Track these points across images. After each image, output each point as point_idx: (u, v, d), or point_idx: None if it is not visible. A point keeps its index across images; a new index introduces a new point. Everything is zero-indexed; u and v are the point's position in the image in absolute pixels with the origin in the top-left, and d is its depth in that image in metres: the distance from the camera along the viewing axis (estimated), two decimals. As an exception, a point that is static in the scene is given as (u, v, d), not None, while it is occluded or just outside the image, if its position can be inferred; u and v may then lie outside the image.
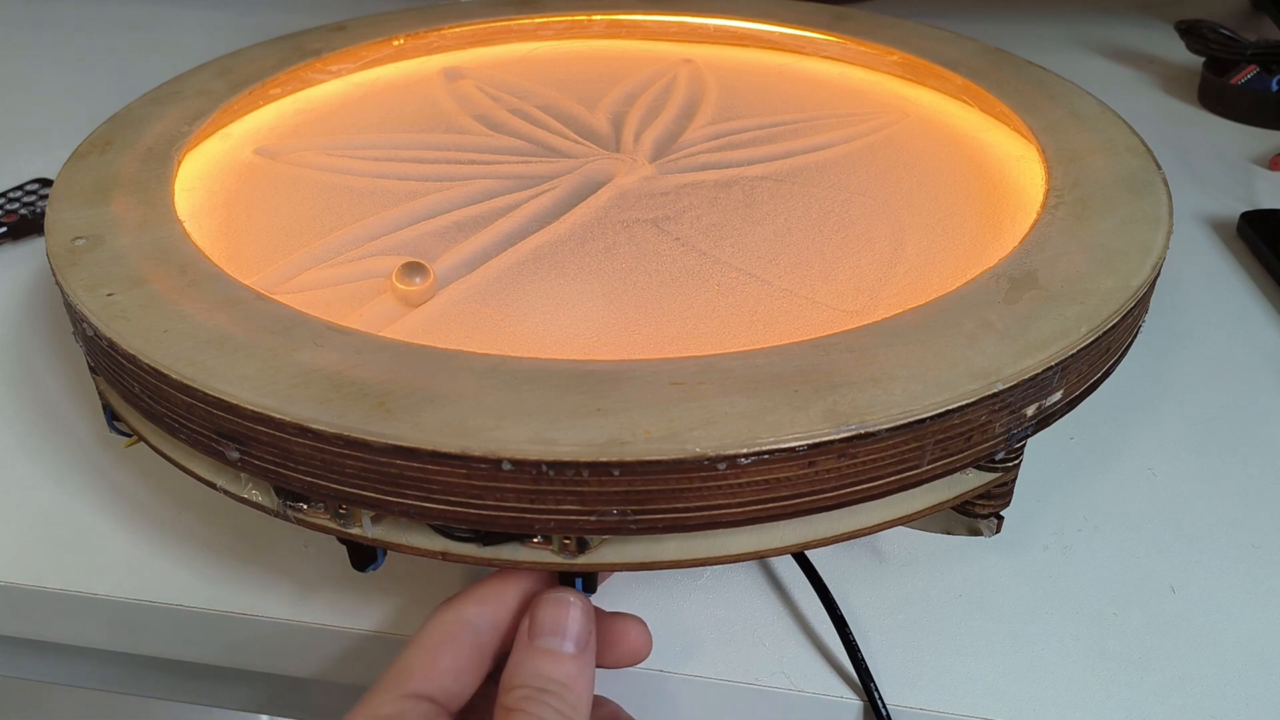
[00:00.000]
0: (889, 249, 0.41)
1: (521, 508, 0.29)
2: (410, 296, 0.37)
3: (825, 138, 0.50)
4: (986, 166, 0.47)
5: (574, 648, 0.29)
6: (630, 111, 0.53)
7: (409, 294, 0.37)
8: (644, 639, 0.32)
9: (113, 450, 0.42)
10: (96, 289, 0.35)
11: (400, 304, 0.37)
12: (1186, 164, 0.64)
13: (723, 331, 0.36)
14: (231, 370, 0.31)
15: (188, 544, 0.38)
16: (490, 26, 0.61)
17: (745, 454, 0.28)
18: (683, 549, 0.31)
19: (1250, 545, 0.38)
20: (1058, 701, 0.32)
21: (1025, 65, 0.53)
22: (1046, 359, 0.31)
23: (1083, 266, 0.36)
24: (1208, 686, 0.33)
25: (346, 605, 0.36)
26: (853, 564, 0.37)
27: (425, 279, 0.36)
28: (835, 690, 0.33)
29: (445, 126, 0.51)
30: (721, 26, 0.61)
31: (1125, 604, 0.35)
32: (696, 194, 0.45)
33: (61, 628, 0.38)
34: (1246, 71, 0.69)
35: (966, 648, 0.34)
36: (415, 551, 0.32)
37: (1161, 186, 0.41)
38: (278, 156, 0.49)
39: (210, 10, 0.91)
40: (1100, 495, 0.40)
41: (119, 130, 0.47)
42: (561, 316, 0.37)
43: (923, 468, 0.31)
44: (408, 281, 0.36)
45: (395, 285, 0.37)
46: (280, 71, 0.53)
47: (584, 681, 0.29)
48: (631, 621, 0.32)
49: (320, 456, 0.29)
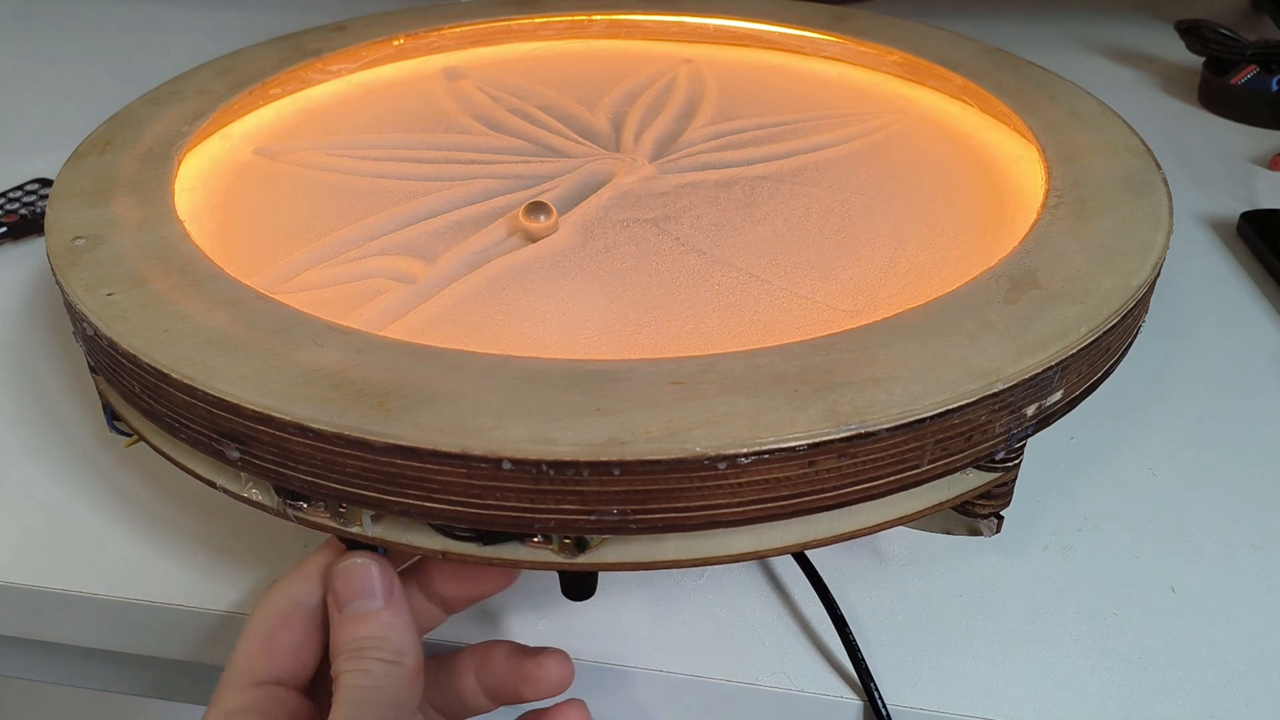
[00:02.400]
0: (889, 249, 0.41)
1: (521, 507, 0.29)
2: (535, 231, 0.41)
3: (825, 138, 0.50)
4: (986, 166, 0.47)
5: (381, 601, 0.30)
6: (630, 111, 0.53)
7: (534, 229, 0.41)
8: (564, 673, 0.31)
9: (113, 450, 0.42)
10: (96, 289, 0.35)
11: (524, 239, 0.42)
12: (1186, 164, 0.64)
13: (723, 331, 0.36)
14: (231, 370, 0.31)
15: (188, 544, 0.38)
16: (490, 26, 0.61)
17: (745, 454, 0.28)
18: (683, 549, 0.31)
19: (1250, 545, 0.38)
20: (1058, 701, 0.32)
21: (1025, 65, 0.53)
22: (1046, 359, 0.31)
23: (1083, 266, 0.36)
24: (1208, 686, 0.33)
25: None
26: (853, 564, 0.37)
27: (549, 217, 0.41)
28: (835, 690, 0.33)
29: (445, 126, 0.51)
30: (721, 26, 0.61)
31: (1125, 604, 0.35)
32: (696, 194, 0.45)
33: (61, 628, 0.38)
34: (1246, 71, 0.69)
35: (966, 648, 0.34)
36: (415, 551, 0.32)
37: (1161, 186, 0.41)
38: (278, 156, 0.49)
39: (210, 10, 0.91)
40: (1100, 495, 0.40)
41: (119, 130, 0.47)
42: (561, 316, 0.37)
43: (923, 468, 0.31)
44: (532, 219, 0.41)
45: (522, 222, 0.41)
46: (280, 71, 0.53)
47: (399, 625, 0.30)
48: (551, 658, 0.31)
49: (320, 456, 0.29)
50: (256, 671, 0.30)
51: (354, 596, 0.30)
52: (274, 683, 0.30)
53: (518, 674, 0.31)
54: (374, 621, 0.30)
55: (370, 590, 0.30)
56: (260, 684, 0.30)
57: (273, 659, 0.30)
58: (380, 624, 0.30)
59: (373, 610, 0.30)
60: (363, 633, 0.29)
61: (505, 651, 0.32)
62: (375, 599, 0.30)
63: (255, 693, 0.29)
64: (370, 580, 0.30)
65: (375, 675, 0.29)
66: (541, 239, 0.41)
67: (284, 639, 0.30)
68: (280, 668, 0.30)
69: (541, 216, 0.41)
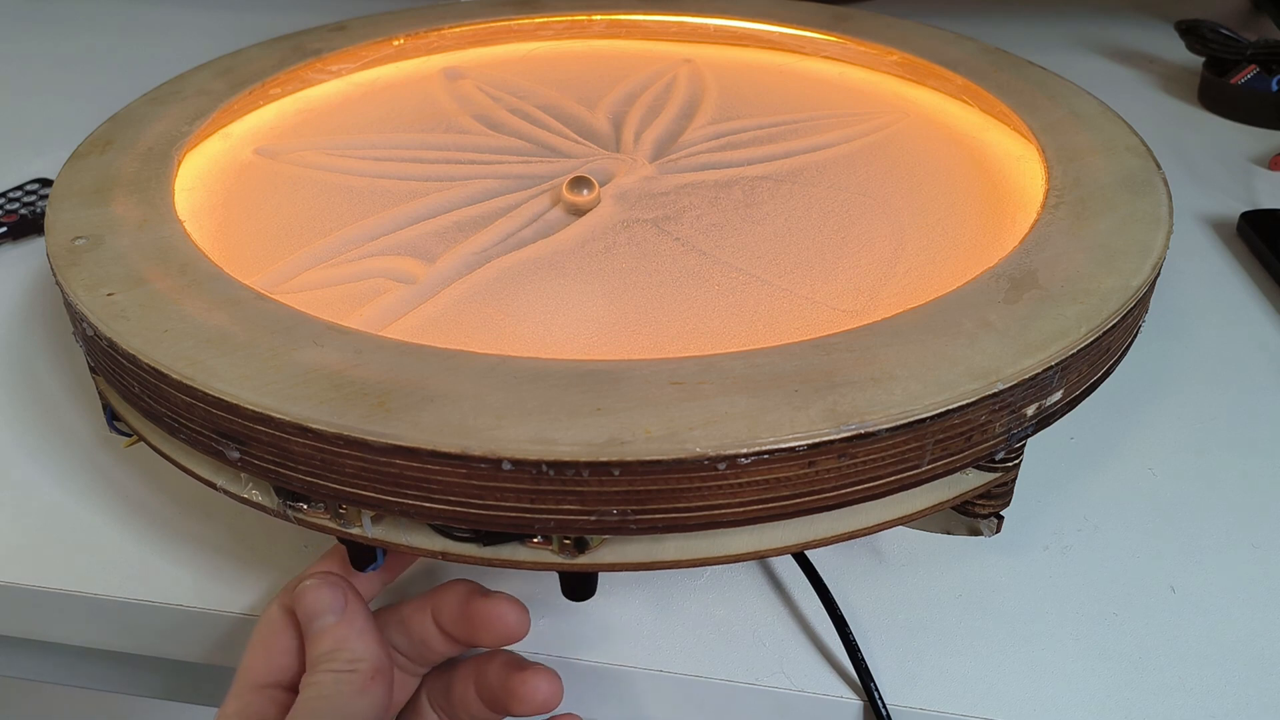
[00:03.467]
0: (889, 249, 0.41)
1: (521, 507, 0.29)
2: (580, 204, 0.43)
3: (825, 138, 0.50)
4: (986, 166, 0.47)
5: (334, 616, 0.31)
6: (630, 111, 0.53)
7: (579, 202, 0.43)
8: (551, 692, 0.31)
9: (113, 450, 0.42)
10: (96, 289, 0.35)
11: (568, 213, 0.44)
12: (1186, 164, 0.64)
13: (723, 331, 0.36)
14: (231, 370, 0.31)
15: (188, 544, 0.38)
16: (490, 26, 0.61)
17: (745, 454, 0.28)
18: (683, 549, 0.31)
19: (1250, 545, 0.38)
20: (1058, 701, 0.32)
21: (1025, 65, 0.53)
22: (1046, 359, 0.31)
23: (1083, 266, 0.36)
24: (1208, 686, 0.33)
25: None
26: (853, 564, 0.37)
27: (591, 191, 0.43)
28: (835, 690, 0.33)
29: (445, 126, 0.51)
30: (721, 26, 0.61)
31: (1125, 604, 0.35)
32: (696, 194, 0.45)
33: (61, 628, 0.38)
34: (1246, 71, 0.69)
35: (966, 648, 0.34)
36: (415, 551, 0.32)
37: (1161, 186, 0.41)
38: (278, 156, 0.49)
39: (210, 10, 0.91)
40: (1100, 495, 0.40)
41: (119, 130, 0.47)
42: (561, 316, 0.37)
43: (923, 468, 0.31)
44: (576, 193, 0.43)
45: (566, 195, 0.43)
46: (280, 71, 0.53)
47: (353, 635, 0.31)
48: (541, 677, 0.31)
49: (320, 456, 0.29)
50: (256, 676, 0.31)
51: (314, 616, 0.31)
52: (272, 685, 0.31)
53: (506, 689, 0.31)
54: (329, 636, 0.31)
55: (324, 608, 0.31)
56: (260, 688, 0.31)
57: (271, 662, 0.32)
58: (335, 637, 0.31)
59: (329, 625, 0.31)
60: (321, 648, 0.31)
61: (501, 663, 0.32)
62: (330, 614, 0.31)
63: (254, 696, 0.31)
64: (324, 599, 0.32)
65: (324, 685, 0.30)
66: (586, 212, 0.43)
67: (281, 643, 0.32)
68: (279, 670, 0.32)
69: (585, 190, 0.43)
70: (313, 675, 0.30)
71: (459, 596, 0.32)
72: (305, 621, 0.32)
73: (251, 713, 0.30)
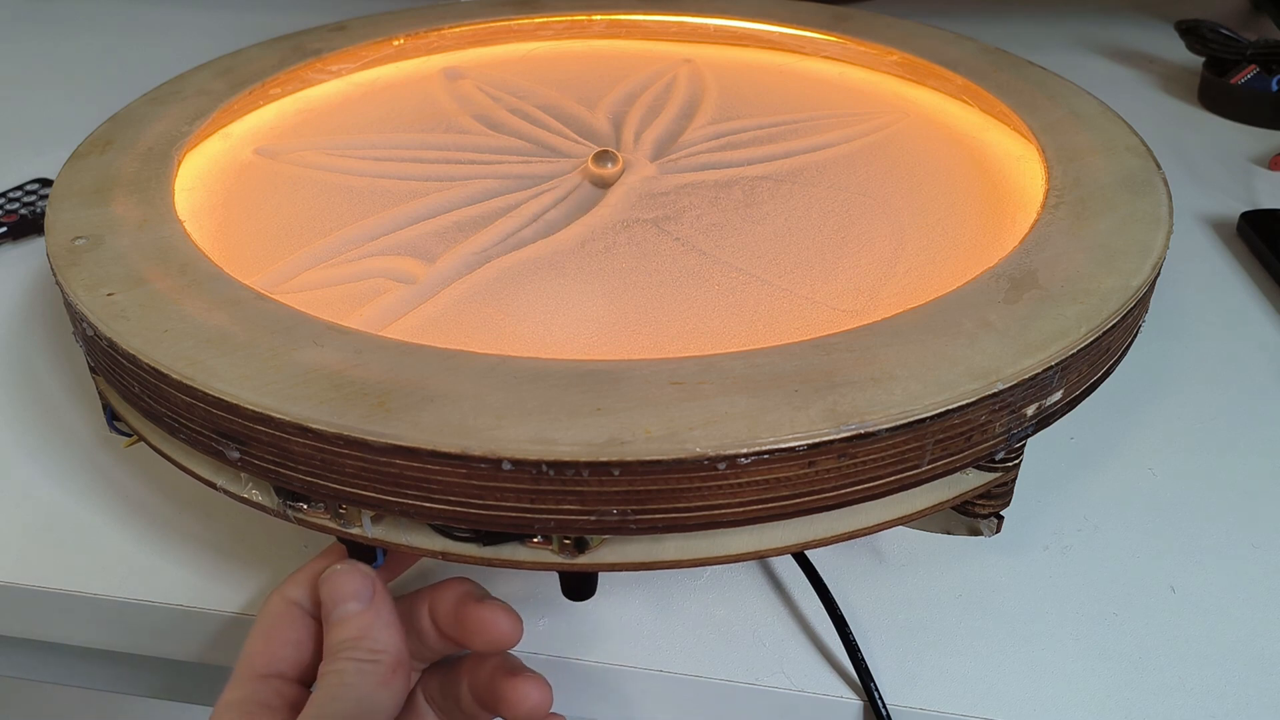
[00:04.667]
0: (889, 249, 0.41)
1: (521, 507, 0.29)
2: (605, 177, 0.44)
3: (825, 138, 0.50)
4: (986, 166, 0.47)
5: (360, 604, 0.31)
6: (630, 111, 0.53)
7: (604, 175, 0.44)
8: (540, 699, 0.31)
9: (113, 450, 0.42)
10: (96, 289, 0.35)
11: (594, 185, 0.45)
12: (1186, 164, 0.64)
13: (723, 331, 0.36)
14: (231, 370, 0.31)
15: (188, 544, 0.38)
16: (490, 26, 0.61)
17: (745, 454, 0.28)
18: (683, 549, 0.31)
19: (1250, 545, 0.38)
20: (1058, 701, 0.32)
21: (1025, 65, 0.53)
22: (1046, 359, 0.31)
23: (1083, 266, 0.36)
24: (1208, 686, 0.33)
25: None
26: (853, 564, 0.37)
27: (615, 164, 0.44)
28: (835, 690, 0.33)
29: (445, 126, 0.51)
30: (721, 26, 0.61)
31: (1125, 604, 0.35)
32: (697, 194, 0.45)
33: (61, 628, 0.38)
34: (1246, 71, 0.69)
35: (966, 648, 0.34)
36: (415, 551, 0.32)
37: (1161, 186, 0.41)
38: (278, 156, 0.49)
39: (210, 10, 0.91)
40: (1100, 495, 0.40)
41: (119, 130, 0.47)
42: (561, 316, 0.37)
43: (923, 468, 0.31)
44: (601, 166, 0.44)
45: (591, 169, 0.44)
46: (280, 71, 0.53)
47: (379, 625, 0.31)
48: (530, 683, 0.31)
49: (320, 456, 0.29)
50: (257, 665, 0.31)
51: (338, 601, 0.31)
52: (275, 675, 0.31)
53: (495, 692, 0.31)
54: (353, 623, 0.31)
55: (350, 594, 0.31)
56: (262, 677, 0.31)
57: (272, 652, 0.31)
58: (359, 625, 0.31)
59: (354, 613, 0.31)
60: (343, 635, 0.31)
61: (494, 665, 0.32)
62: (356, 602, 0.31)
63: (257, 685, 0.31)
64: (352, 585, 0.31)
65: (346, 674, 0.30)
66: (611, 184, 0.45)
67: (282, 634, 0.32)
68: (280, 660, 0.31)
69: (609, 164, 0.44)
70: (334, 663, 0.30)
71: (454, 597, 0.32)
72: (329, 606, 0.31)
73: (253, 701, 0.30)
